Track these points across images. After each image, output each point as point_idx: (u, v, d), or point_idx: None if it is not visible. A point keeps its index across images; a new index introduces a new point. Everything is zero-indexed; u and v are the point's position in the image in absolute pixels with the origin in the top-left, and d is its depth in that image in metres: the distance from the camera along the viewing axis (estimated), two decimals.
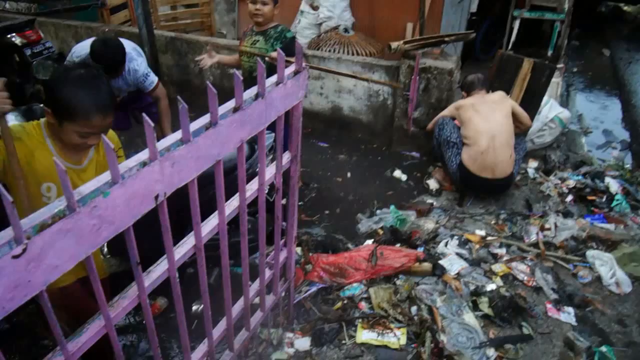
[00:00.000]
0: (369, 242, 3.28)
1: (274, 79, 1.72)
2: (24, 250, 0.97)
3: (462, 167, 3.68)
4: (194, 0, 6.78)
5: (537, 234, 3.36)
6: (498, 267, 3.06)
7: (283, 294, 2.54)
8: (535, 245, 3.28)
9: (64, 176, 1.00)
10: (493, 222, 3.55)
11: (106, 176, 1.14)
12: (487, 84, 3.93)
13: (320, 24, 6.04)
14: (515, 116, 3.71)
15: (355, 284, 2.89)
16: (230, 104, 1.52)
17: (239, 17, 6.78)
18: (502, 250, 3.23)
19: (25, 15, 6.31)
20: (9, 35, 4.57)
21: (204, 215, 1.58)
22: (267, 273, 2.25)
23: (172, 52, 5.20)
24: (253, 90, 1.61)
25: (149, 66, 4.03)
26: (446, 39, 4.20)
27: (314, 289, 2.88)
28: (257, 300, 2.26)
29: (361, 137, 4.73)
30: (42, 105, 2.82)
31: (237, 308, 2.08)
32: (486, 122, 3.59)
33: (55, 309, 1.14)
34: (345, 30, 5.53)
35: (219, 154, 1.48)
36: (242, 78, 1.47)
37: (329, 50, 5.27)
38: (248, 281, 2.03)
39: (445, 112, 3.93)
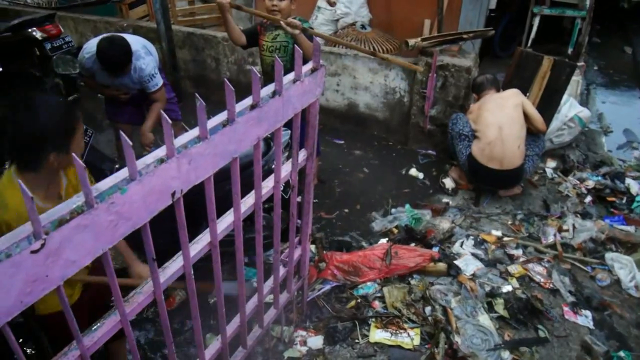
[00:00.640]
0: (384, 240, 3.27)
1: (291, 76, 1.71)
2: (43, 245, 0.98)
3: (471, 158, 3.66)
4: None
5: (555, 235, 3.31)
6: (514, 269, 3.03)
7: (296, 292, 2.53)
8: (553, 246, 3.24)
9: (83, 173, 1.00)
10: (509, 222, 3.50)
11: (124, 172, 1.15)
12: (497, 83, 3.88)
13: (337, 20, 6.01)
14: (527, 118, 3.65)
15: (369, 283, 2.88)
16: (248, 101, 1.51)
17: None
18: (519, 251, 3.19)
19: (45, 9, 6.39)
20: (29, 29, 4.61)
21: (219, 212, 1.58)
22: (281, 270, 2.24)
23: (189, 48, 5.22)
24: (270, 88, 1.60)
25: (166, 62, 4.05)
26: (464, 36, 4.14)
27: (327, 287, 2.87)
28: (270, 297, 2.27)
29: (377, 134, 4.71)
30: (61, 99, 2.86)
31: (250, 305, 2.08)
32: (494, 115, 3.60)
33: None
34: (363, 26, 5.49)
35: (236, 151, 1.48)
36: (259, 75, 1.46)
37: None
38: (262, 278, 2.03)
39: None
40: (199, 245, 1.57)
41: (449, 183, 3.93)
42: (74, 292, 1.91)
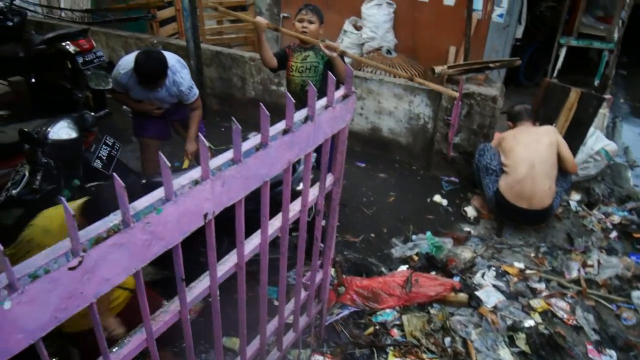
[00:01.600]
0: (404, 267, 3.24)
1: (323, 102, 1.73)
2: (80, 262, 0.99)
3: (499, 195, 3.61)
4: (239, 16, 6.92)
5: (579, 270, 3.25)
6: (537, 303, 2.97)
7: (315, 315, 2.52)
8: (577, 282, 3.17)
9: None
10: (532, 254, 3.45)
11: (160, 192, 1.16)
12: (534, 116, 3.85)
13: (363, 44, 6.08)
14: (560, 158, 3.58)
15: (388, 310, 2.85)
16: (280, 125, 1.53)
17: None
18: (542, 285, 3.14)
19: (79, 24, 6.57)
20: (63, 43, 4.74)
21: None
22: (303, 294, 2.23)
23: (217, 66, 5.31)
24: (302, 113, 1.61)
25: (193, 79, 4.13)
26: (491, 65, 4.15)
27: (346, 312, 2.85)
28: (289, 320, 2.25)
29: (399, 159, 4.70)
30: (93, 113, 2.93)
31: (270, 327, 2.07)
32: (527, 150, 3.52)
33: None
34: (388, 51, 5.54)
35: (267, 174, 1.49)
36: (293, 101, 1.48)
37: (371, 71, 5.28)
38: (284, 301, 2.02)
39: (493, 143, 3.88)
40: (225, 266, 1.58)
41: (471, 212, 3.89)
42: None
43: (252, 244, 1.67)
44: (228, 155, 1.35)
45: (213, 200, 1.29)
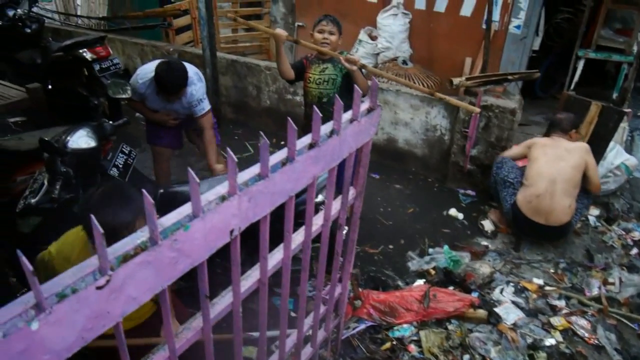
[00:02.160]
0: (420, 281, 3.19)
1: (348, 115, 1.70)
2: (108, 281, 0.96)
3: (515, 208, 3.55)
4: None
5: (600, 287, 3.18)
6: (557, 321, 2.91)
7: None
8: (597, 299, 3.11)
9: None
10: (551, 270, 3.39)
11: (187, 208, 1.14)
12: (570, 127, 3.73)
13: (378, 54, 6.06)
14: (585, 178, 3.50)
15: (405, 325, 2.80)
16: (306, 139, 1.50)
17: None
18: (562, 303, 3.07)
19: (96, 31, 6.62)
20: (80, 50, 4.76)
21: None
22: (321, 308, 2.19)
23: (232, 74, 5.31)
24: (327, 127, 1.58)
25: (208, 87, 4.13)
26: (509, 77, 4.11)
27: (362, 326, 2.80)
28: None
29: (414, 170, 4.66)
30: (111, 122, 2.92)
31: (288, 342, 2.04)
32: (550, 166, 3.45)
33: None
34: (404, 62, 5.51)
35: (293, 189, 1.46)
36: (320, 115, 1.45)
37: (387, 82, 5.26)
38: (304, 316, 1.99)
39: (517, 149, 3.81)
40: (247, 282, 1.55)
41: (488, 225, 3.84)
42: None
43: (275, 259, 1.64)
44: (254, 170, 1.32)
45: (239, 216, 1.26)
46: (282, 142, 4.92)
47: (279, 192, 1.40)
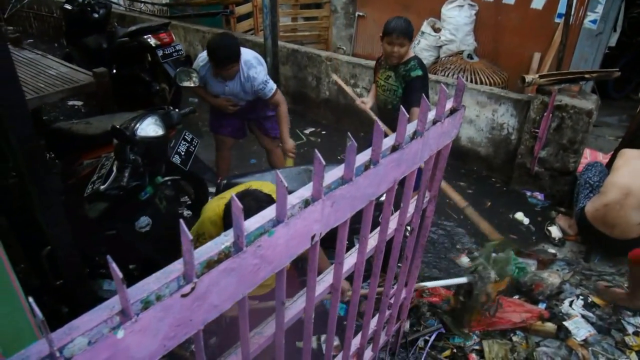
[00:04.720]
0: None
1: (431, 116, 1.60)
2: (193, 289, 0.92)
3: (582, 213, 3.35)
4: (314, 13, 6.87)
5: None
6: (632, 340, 2.71)
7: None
8: None
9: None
10: (625, 285, 3.16)
11: (270, 213, 1.08)
12: None
13: (440, 47, 5.86)
14: None
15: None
16: (389, 141, 1.41)
17: (357, 33, 6.75)
18: (637, 320, 2.86)
19: (159, 17, 6.73)
20: (145, 36, 4.83)
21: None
22: (386, 313, 2.12)
23: (292, 64, 5.26)
24: (411, 127, 1.49)
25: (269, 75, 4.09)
26: (586, 75, 3.85)
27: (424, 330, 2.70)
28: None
29: (476, 170, 4.48)
30: (177, 110, 2.92)
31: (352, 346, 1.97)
32: (630, 177, 3.17)
33: None
34: (469, 56, 5.30)
35: (373, 194, 1.38)
36: (407, 115, 1.36)
37: (449, 75, 5.07)
38: (370, 320, 1.91)
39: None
40: (320, 286, 1.48)
41: (555, 232, 3.63)
42: None
43: (347, 263, 1.57)
44: (337, 173, 1.24)
45: (322, 221, 1.19)
46: (335, 138, 4.83)
47: (360, 197, 1.32)
